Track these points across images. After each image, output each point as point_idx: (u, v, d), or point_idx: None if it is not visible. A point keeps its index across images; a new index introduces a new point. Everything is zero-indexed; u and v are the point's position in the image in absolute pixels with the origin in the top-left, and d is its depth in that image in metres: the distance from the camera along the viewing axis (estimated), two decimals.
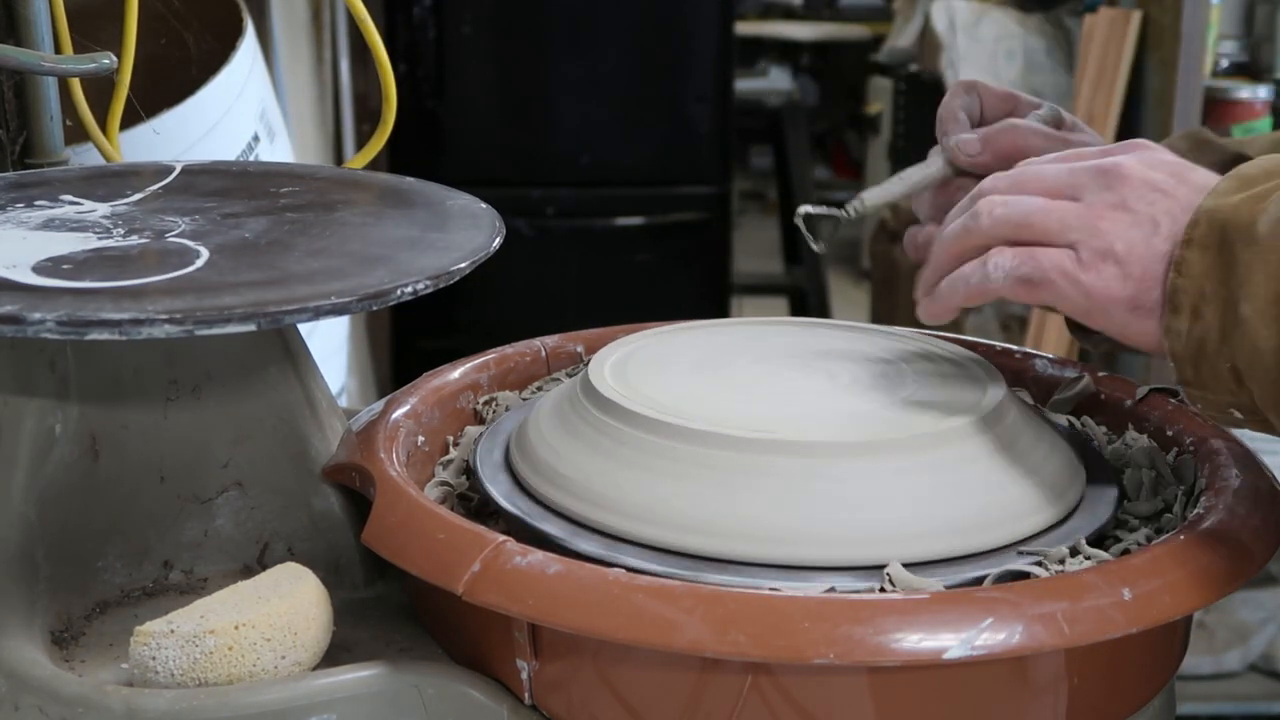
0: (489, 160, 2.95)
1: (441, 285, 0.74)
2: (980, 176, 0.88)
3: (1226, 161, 0.79)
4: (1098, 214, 0.68)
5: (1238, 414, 0.66)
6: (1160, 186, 0.68)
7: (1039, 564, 0.68)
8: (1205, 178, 0.68)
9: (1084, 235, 0.68)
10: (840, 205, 0.88)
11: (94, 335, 0.66)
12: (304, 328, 0.83)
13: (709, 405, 0.75)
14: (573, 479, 0.73)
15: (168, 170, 0.96)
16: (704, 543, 0.69)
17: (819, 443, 0.70)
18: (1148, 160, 0.69)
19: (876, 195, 0.88)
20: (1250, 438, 0.82)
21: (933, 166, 0.89)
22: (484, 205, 0.88)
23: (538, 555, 0.65)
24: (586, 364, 0.82)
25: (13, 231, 0.81)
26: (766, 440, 0.70)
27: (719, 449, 0.71)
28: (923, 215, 0.90)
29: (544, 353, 0.94)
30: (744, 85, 3.58)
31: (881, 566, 0.67)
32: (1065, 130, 0.89)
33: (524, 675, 0.68)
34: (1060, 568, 0.68)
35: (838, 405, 0.76)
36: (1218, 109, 2.31)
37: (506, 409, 0.89)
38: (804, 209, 0.89)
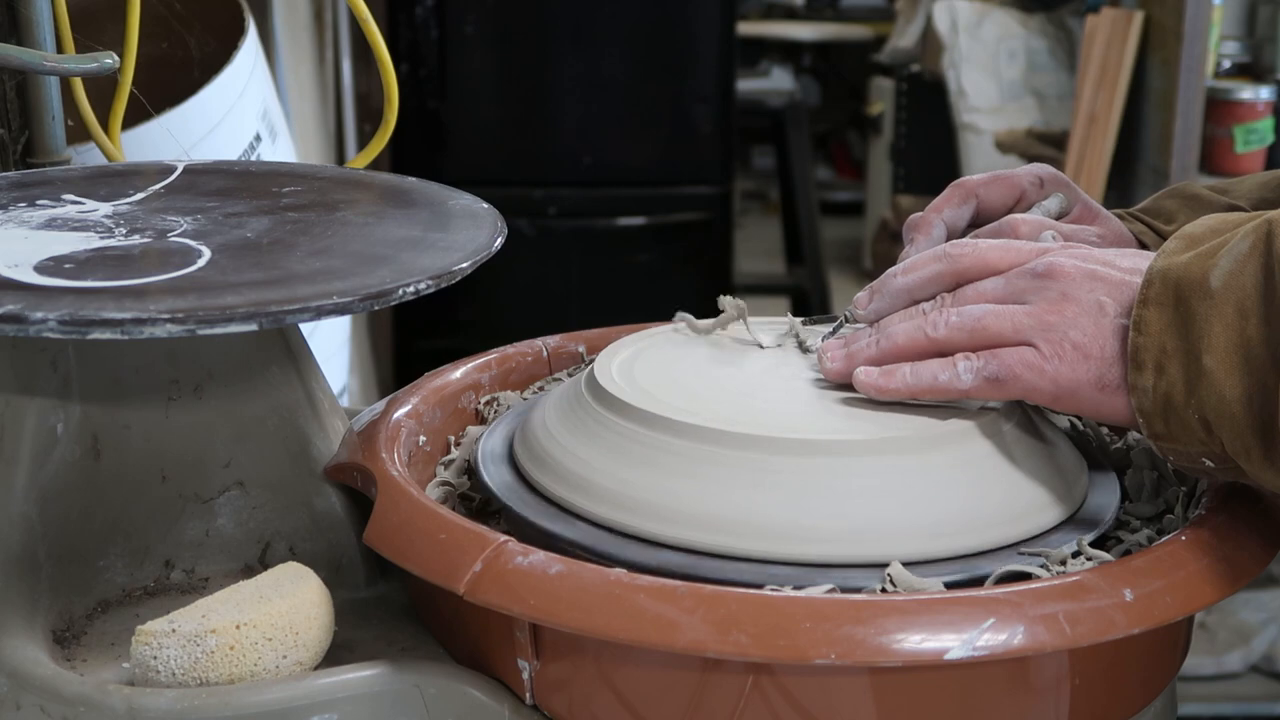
0: (491, 160, 2.95)
1: (443, 285, 0.74)
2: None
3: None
4: (1045, 310, 0.70)
5: (1209, 463, 0.67)
6: (1096, 275, 0.70)
7: (1041, 565, 0.68)
8: (1134, 260, 0.71)
9: (1037, 333, 0.70)
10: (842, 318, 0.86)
11: (96, 335, 0.66)
12: (305, 327, 0.83)
13: (713, 403, 0.75)
14: (577, 476, 0.73)
15: (170, 170, 0.96)
16: (706, 539, 0.69)
17: (822, 441, 0.70)
18: (1078, 255, 0.72)
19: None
20: None
21: None
22: (486, 205, 0.88)
23: (539, 555, 0.65)
24: (590, 363, 0.82)
25: (15, 231, 0.81)
26: (769, 438, 0.70)
27: (722, 446, 0.71)
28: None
29: (545, 353, 0.94)
30: (746, 85, 3.58)
31: (883, 565, 0.67)
32: (1069, 220, 0.89)
33: (525, 675, 0.68)
34: (1062, 569, 0.68)
35: (841, 405, 0.76)
36: (1219, 109, 2.31)
37: (508, 409, 0.89)
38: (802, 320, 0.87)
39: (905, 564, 0.67)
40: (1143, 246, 0.90)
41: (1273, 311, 0.63)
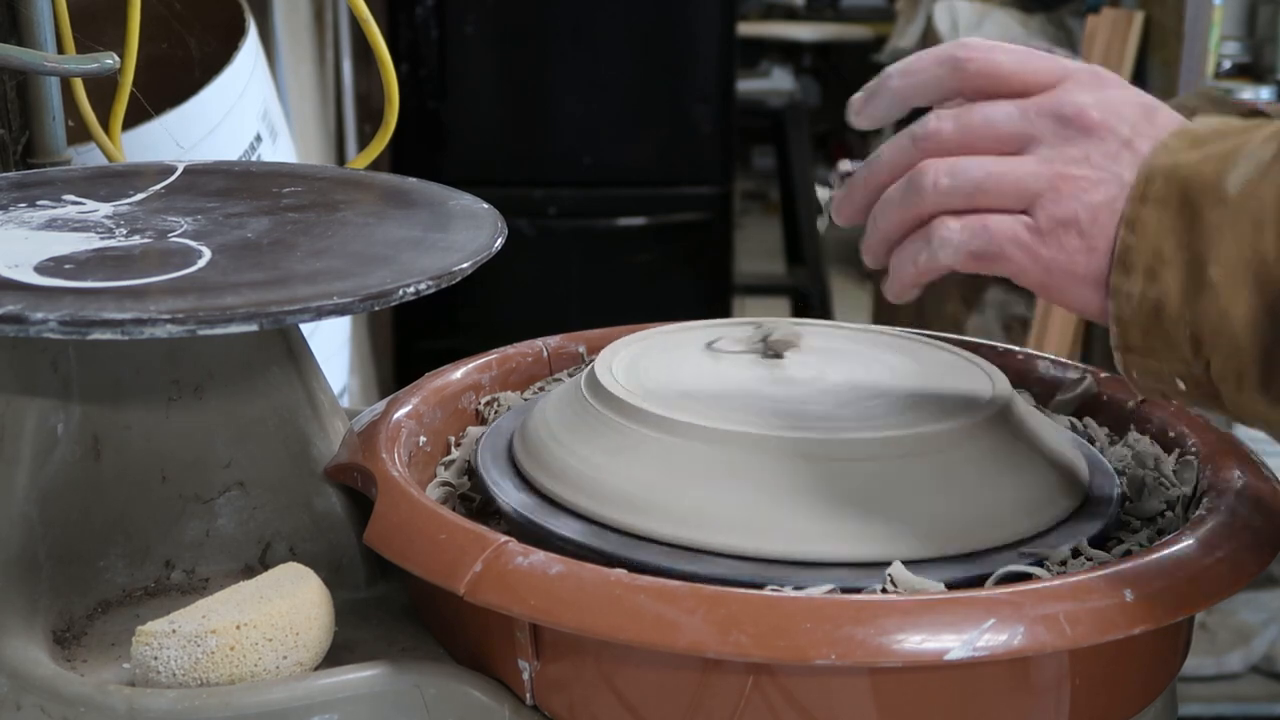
0: (491, 160, 2.95)
1: (443, 285, 0.74)
2: None
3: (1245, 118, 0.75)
4: (1057, 171, 0.62)
5: (1181, 385, 0.61)
6: (1131, 143, 0.62)
7: (1041, 565, 0.68)
8: (1170, 117, 0.63)
9: (1043, 200, 0.62)
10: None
11: (96, 335, 0.66)
12: (306, 328, 0.83)
13: (715, 404, 0.75)
14: (578, 475, 0.73)
15: (170, 170, 0.96)
16: (708, 538, 0.69)
17: (822, 440, 0.71)
18: (1111, 103, 0.63)
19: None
20: (1251, 439, 0.82)
21: None
22: (486, 205, 0.88)
23: (539, 555, 0.65)
24: (590, 363, 0.82)
25: (15, 231, 0.81)
26: (770, 438, 0.71)
27: (722, 446, 0.71)
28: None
29: (546, 353, 0.94)
30: (746, 85, 3.58)
31: (883, 564, 0.67)
32: None
33: (525, 675, 0.68)
34: (1062, 569, 0.68)
35: (841, 404, 0.76)
36: None
37: (508, 409, 0.89)
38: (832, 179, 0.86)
39: (905, 563, 0.67)
40: None
41: None
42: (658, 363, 0.81)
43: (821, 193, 0.77)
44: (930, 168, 0.64)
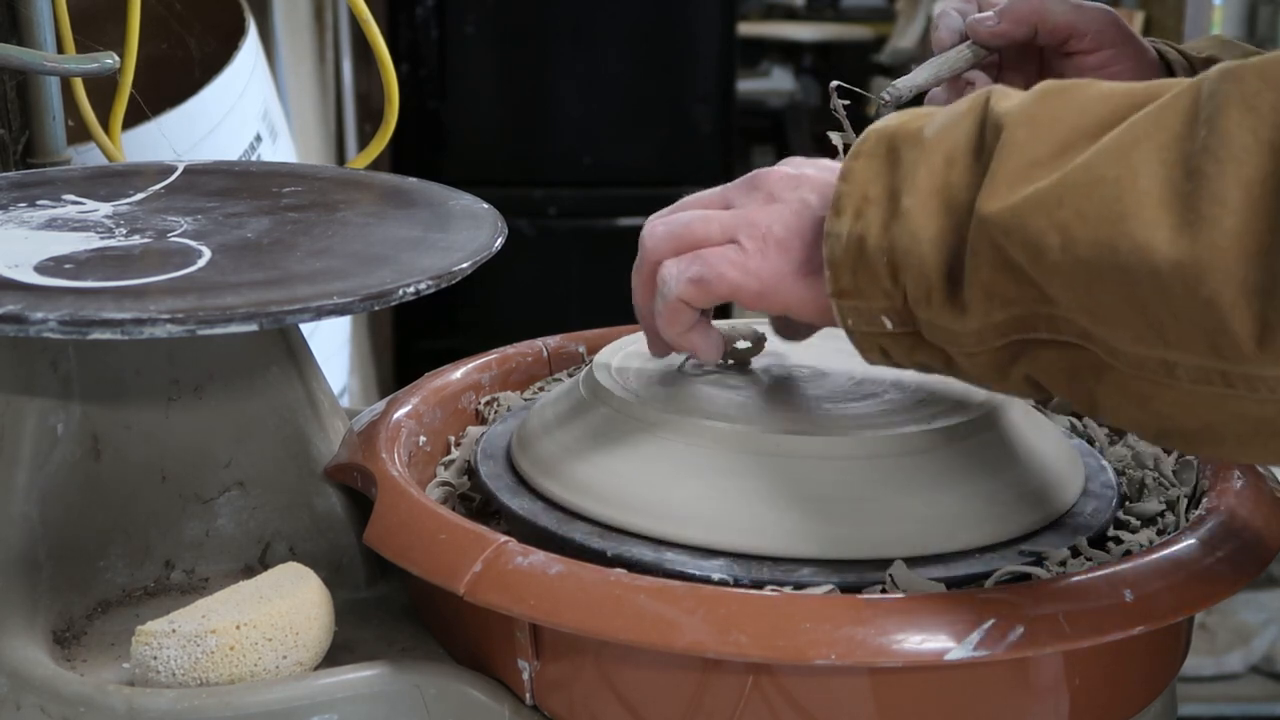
0: (491, 160, 2.95)
1: (443, 285, 0.74)
2: (1004, 54, 0.93)
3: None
4: (751, 211, 0.70)
5: (888, 322, 0.65)
6: (802, 178, 0.70)
7: (1040, 565, 0.68)
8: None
9: (741, 230, 0.69)
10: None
11: (96, 335, 0.66)
12: (306, 328, 0.83)
13: (714, 403, 0.75)
14: (577, 475, 0.73)
15: (170, 170, 0.96)
16: (706, 537, 0.69)
17: (822, 439, 0.71)
18: (790, 162, 0.72)
19: (908, 82, 0.90)
20: None
21: (957, 51, 0.92)
22: (486, 205, 0.88)
23: (539, 555, 0.65)
24: (590, 363, 0.82)
25: (15, 231, 0.81)
26: (769, 437, 0.71)
27: (721, 446, 0.71)
28: None
29: (546, 353, 0.94)
30: (746, 86, 3.59)
31: (882, 561, 0.67)
32: None
33: (525, 675, 0.68)
34: (1062, 569, 0.68)
35: (841, 403, 0.76)
36: None
37: (508, 409, 0.89)
38: (836, 83, 0.89)
39: (902, 560, 0.67)
40: (1168, 71, 0.93)
41: (978, 163, 0.62)
42: (656, 362, 0.81)
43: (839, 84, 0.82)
44: (648, 223, 0.73)
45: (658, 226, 0.72)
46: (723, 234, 0.70)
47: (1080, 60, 0.93)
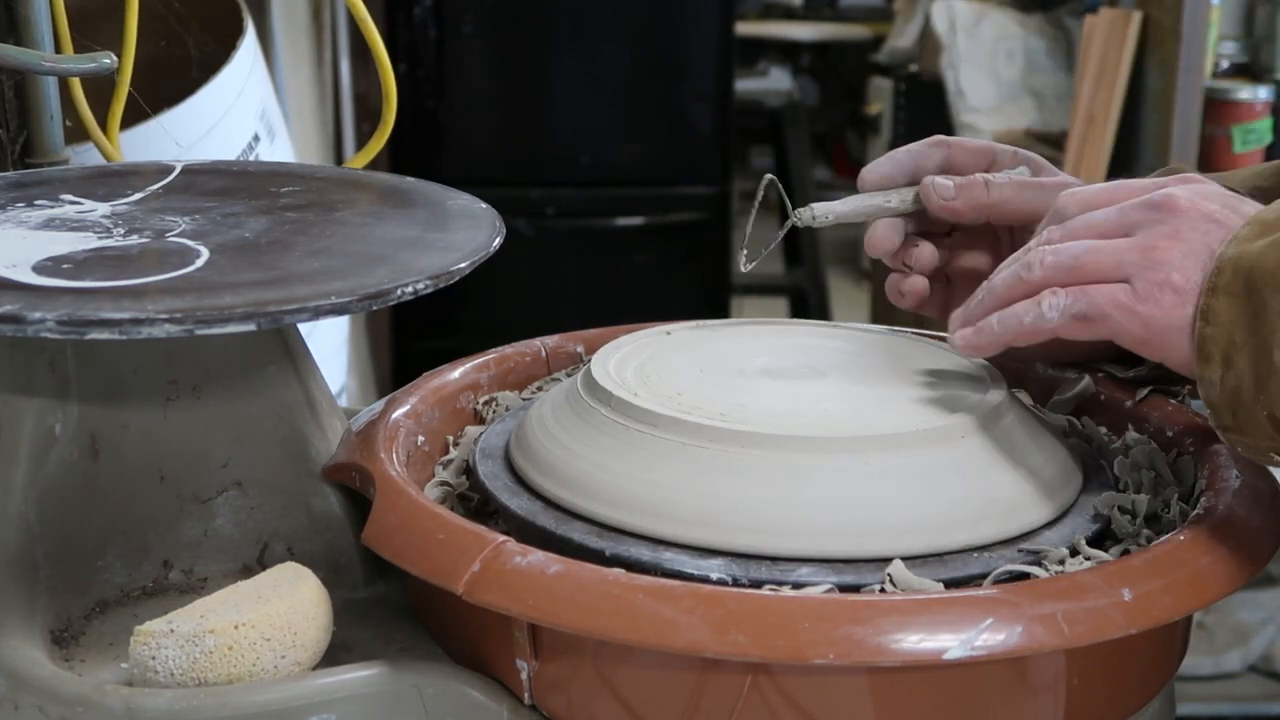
0: (489, 160, 2.95)
1: (441, 285, 0.74)
2: (943, 224, 0.87)
3: None
4: (1151, 245, 0.67)
5: (1277, 457, 0.66)
6: (1214, 216, 0.67)
7: (1039, 564, 0.69)
8: (1254, 208, 0.68)
9: (1138, 268, 0.67)
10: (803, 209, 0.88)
11: (94, 335, 0.66)
12: (304, 328, 0.83)
13: (713, 402, 0.75)
14: (575, 474, 0.73)
15: (168, 170, 0.96)
16: (705, 536, 0.69)
17: (820, 439, 0.71)
18: (1199, 191, 0.69)
19: (827, 209, 0.87)
20: None
21: (894, 198, 0.87)
22: (484, 205, 0.88)
23: (537, 555, 0.65)
24: (588, 362, 0.82)
25: (13, 231, 0.81)
26: (766, 436, 0.71)
27: (719, 444, 0.71)
28: (886, 259, 0.88)
29: (544, 353, 0.94)
30: (744, 85, 3.58)
31: (879, 560, 0.67)
32: (1042, 176, 0.87)
33: (524, 675, 0.68)
34: (1060, 568, 0.68)
35: (840, 403, 0.76)
36: (1218, 110, 2.31)
37: (507, 409, 0.89)
38: (769, 176, 0.88)
39: (900, 558, 0.67)
40: None
41: None
42: (654, 361, 0.81)
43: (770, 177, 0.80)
44: (1038, 249, 0.71)
45: (1048, 255, 0.69)
46: (1115, 270, 0.68)
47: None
